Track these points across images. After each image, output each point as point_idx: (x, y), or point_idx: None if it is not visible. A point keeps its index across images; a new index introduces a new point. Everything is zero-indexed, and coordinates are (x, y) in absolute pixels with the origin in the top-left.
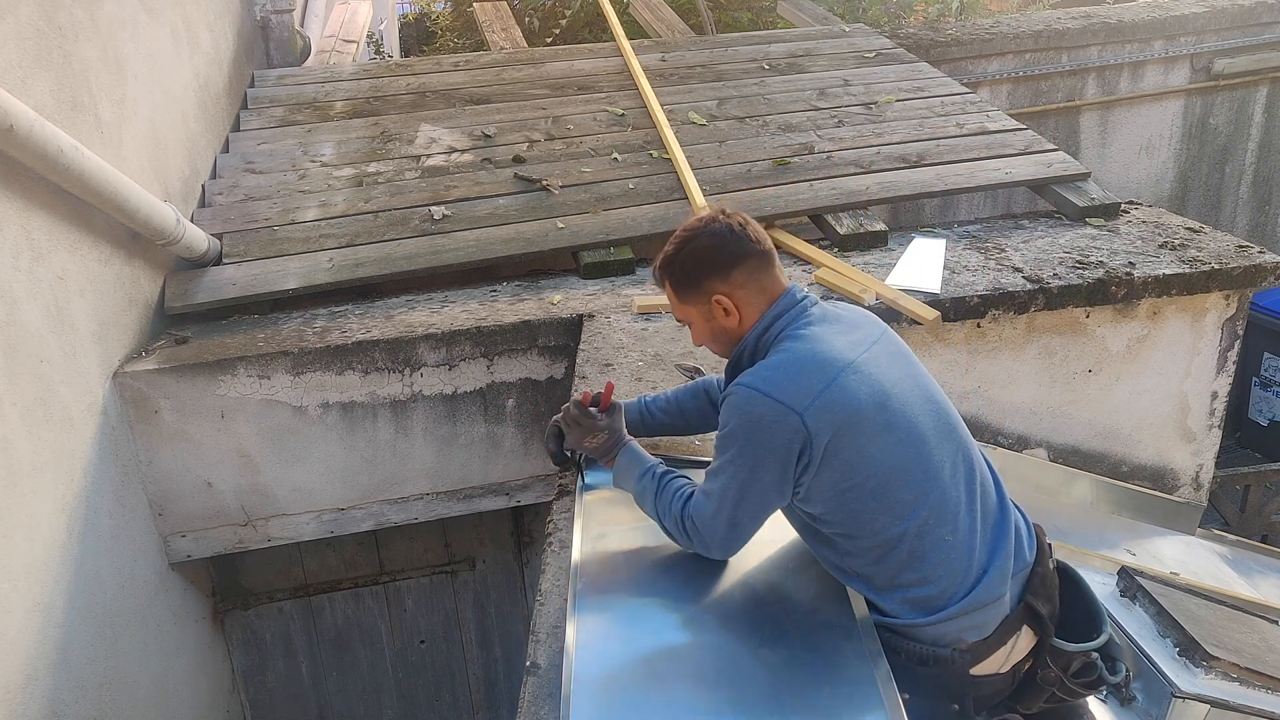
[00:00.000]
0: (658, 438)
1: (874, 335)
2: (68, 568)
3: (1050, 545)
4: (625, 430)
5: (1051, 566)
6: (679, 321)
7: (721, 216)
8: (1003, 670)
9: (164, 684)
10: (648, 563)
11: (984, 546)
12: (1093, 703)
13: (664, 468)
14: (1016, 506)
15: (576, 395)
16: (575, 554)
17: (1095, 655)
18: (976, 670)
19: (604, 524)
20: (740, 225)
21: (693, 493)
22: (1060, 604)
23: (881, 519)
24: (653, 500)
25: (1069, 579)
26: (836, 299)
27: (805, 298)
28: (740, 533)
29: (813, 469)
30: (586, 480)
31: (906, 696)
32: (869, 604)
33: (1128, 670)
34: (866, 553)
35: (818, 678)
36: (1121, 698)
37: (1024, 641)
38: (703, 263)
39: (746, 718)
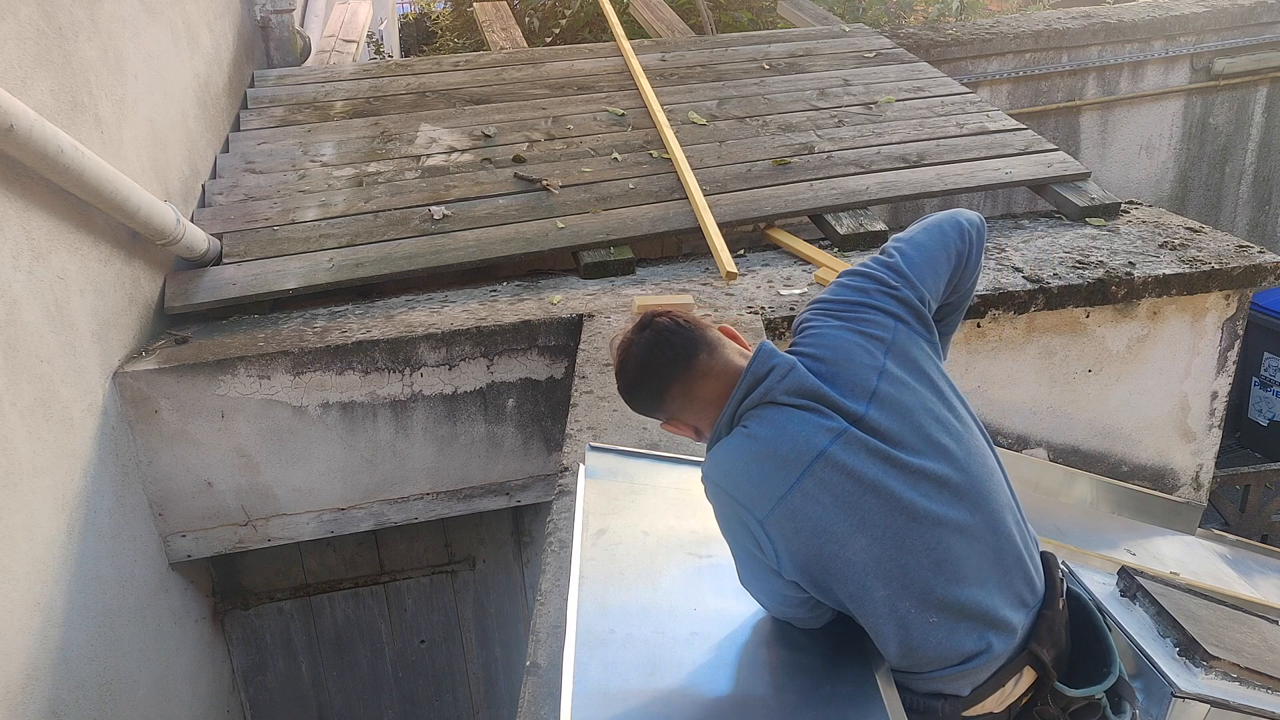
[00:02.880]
0: (657, 439)
1: (874, 371)
2: (68, 568)
3: (1063, 579)
4: None
5: (1061, 606)
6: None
7: (632, 347)
8: (997, 711)
9: (164, 684)
10: (648, 561)
11: (986, 613)
12: None
13: None
14: (1031, 535)
15: None
16: (575, 552)
17: (1102, 695)
18: (970, 712)
19: (604, 519)
20: (648, 349)
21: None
22: (1072, 636)
23: (862, 613)
24: None
25: (1081, 611)
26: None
27: (771, 369)
28: (778, 597)
29: (782, 564)
30: (587, 475)
31: None
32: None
33: (1134, 712)
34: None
35: (818, 678)
36: None
37: (1024, 681)
38: (637, 405)
39: (747, 717)
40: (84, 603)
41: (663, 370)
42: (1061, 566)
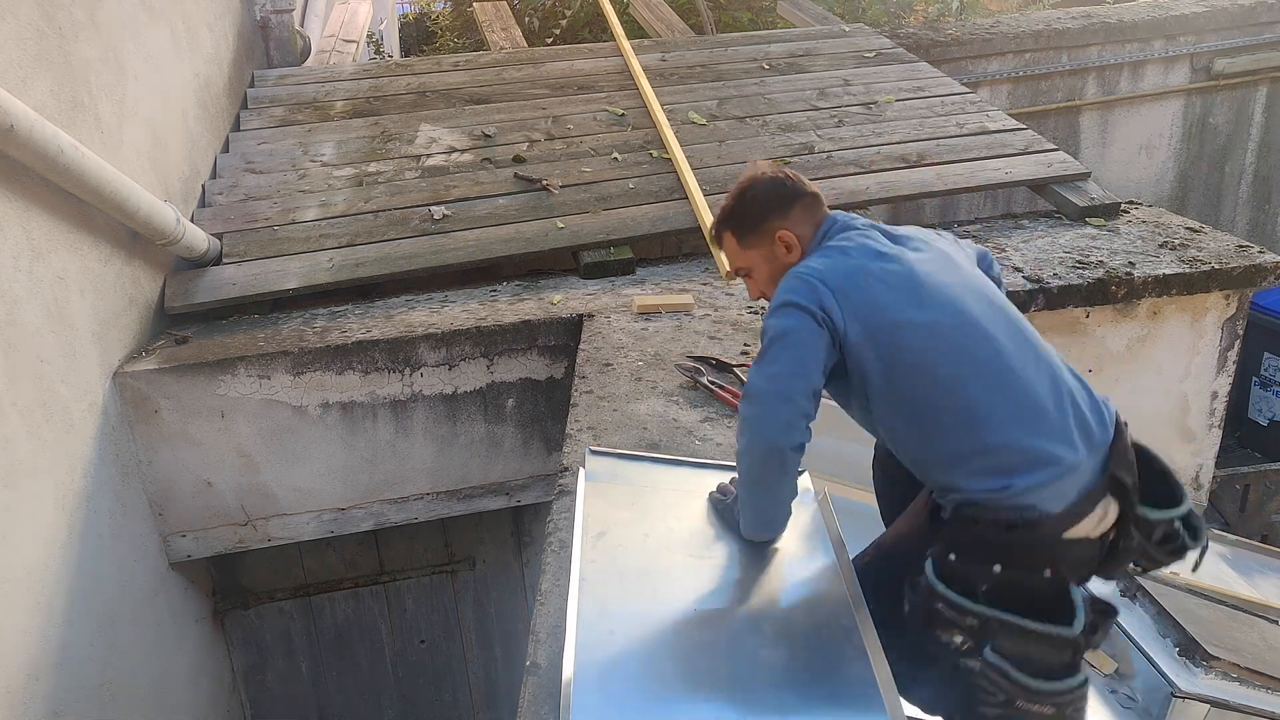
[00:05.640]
0: (657, 439)
1: (916, 244)
2: (68, 568)
3: (1126, 424)
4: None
5: (1129, 442)
6: (737, 272)
7: (770, 169)
8: (1093, 536)
9: (164, 684)
10: (648, 563)
11: (1047, 413)
12: (1093, 702)
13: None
14: (1089, 388)
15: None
16: (575, 554)
17: (1178, 523)
18: (1068, 534)
19: (604, 522)
20: (790, 176)
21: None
22: (1139, 478)
23: (922, 391)
24: (743, 501)
25: (1145, 456)
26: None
27: (850, 217)
28: (794, 380)
29: (843, 321)
30: (587, 479)
31: (998, 568)
32: (946, 489)
33: (1207, 543)
34: (922, 433)
35: (818, 677)
36: (1196, 564)
37: (1112, 512)
38: (764, 205)
39: (747, 717)
40: (84, 603)
41: (798, 186)
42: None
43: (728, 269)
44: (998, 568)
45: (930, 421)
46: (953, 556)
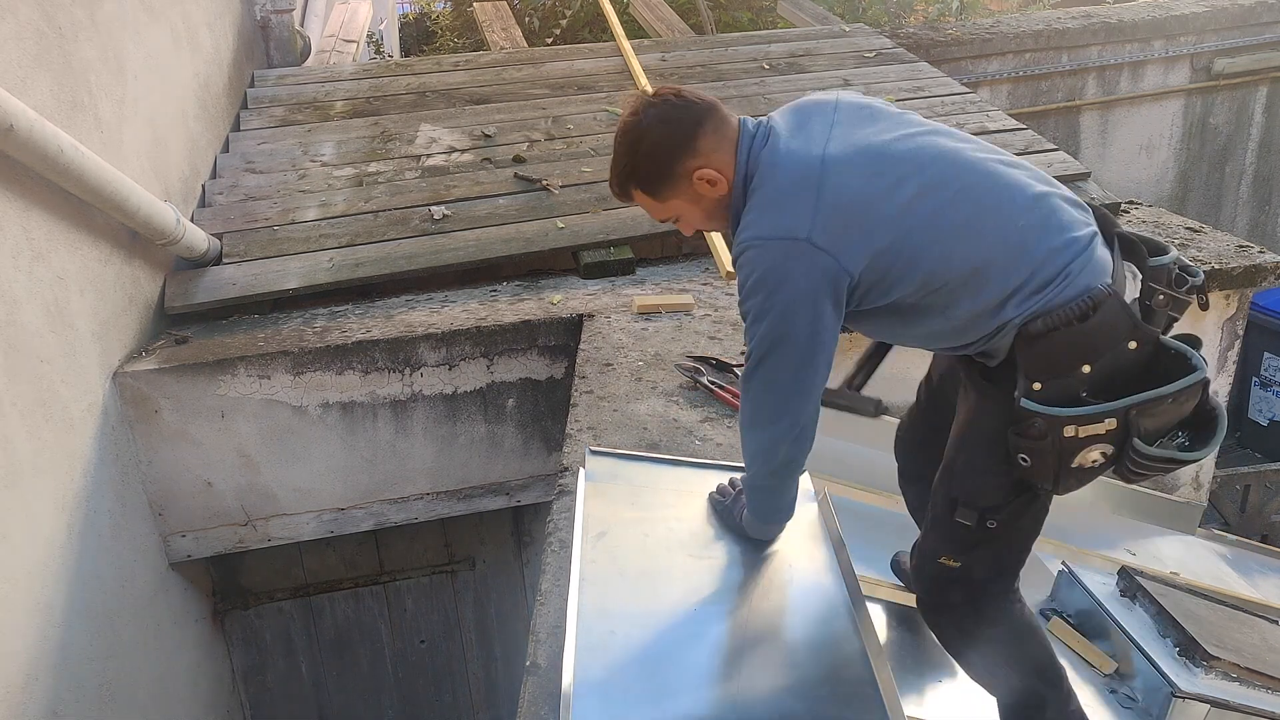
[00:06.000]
0: (657, 439)
1: (829, 116)
2: (68, 568)
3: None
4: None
5: (1103, 212)
6: (663, 223)
7: (654, 99)
8: (1134, 297)
9: (164, 684)
10: (648, 563)
11: (1057, 210)
12: (1093, 703)
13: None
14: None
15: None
16: (575, 554)
17: (1177, 267)
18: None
19: (604, 522)
20: (676, 95)
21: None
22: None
23: (936, 248)
24: (754, 503)
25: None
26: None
27: (757, 124)
28: (802, 401)
29: (847, 260)
30: (587, 479)
31: (1087, 369)
32: (999, 331)
33: (1202, 274)
34: (966, 292)
35: (819, 679)
36: (1204, 302)
37: (1131, 272)
38: (666, 149)
39: (747, 718)
40: (84, 603)
41: (695, 108)
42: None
43: (728, 269)
44: (1086, 368)
45: (970, 278)
46: (1038, 385)
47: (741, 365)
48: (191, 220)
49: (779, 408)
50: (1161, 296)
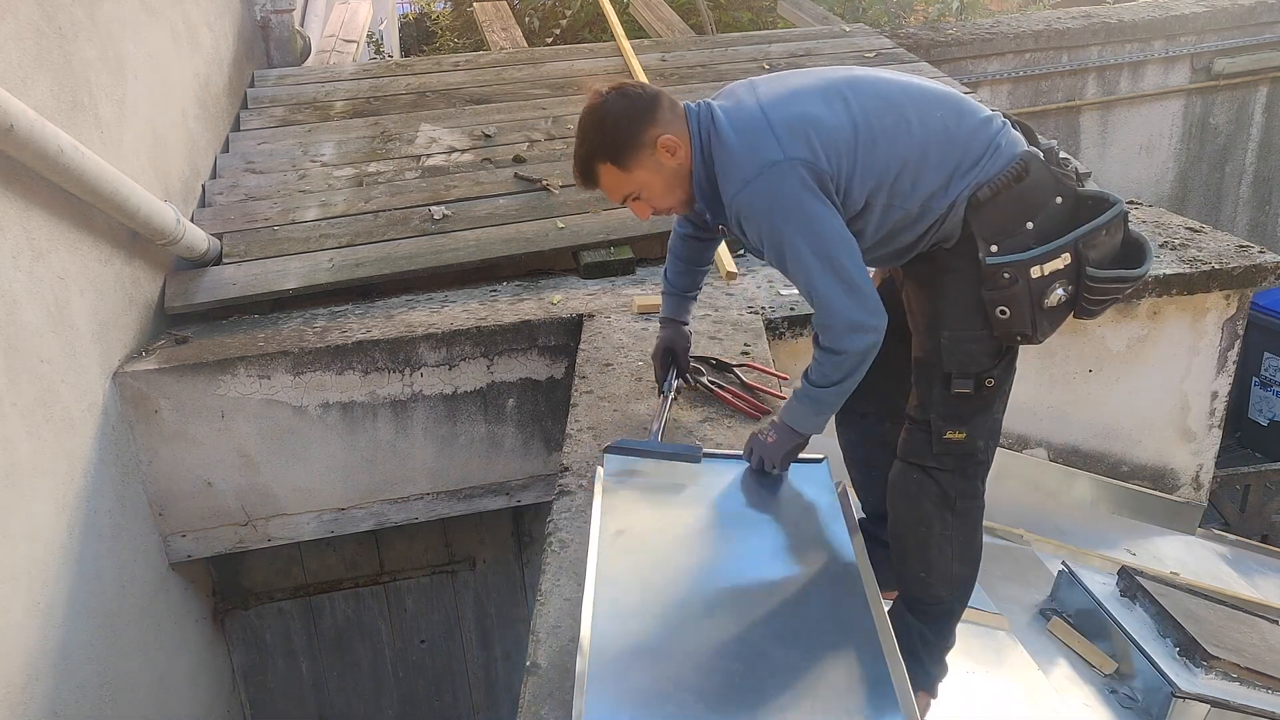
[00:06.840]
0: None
1: (750, 86)
2: (68, 568)
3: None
4: (778, 422)
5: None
6: (623, 201)
7: (609, 89)
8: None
9: (164, 684)
10: (663, 557)
11: (954, 108)
12: (1093, 702)
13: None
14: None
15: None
16: (592, 549)
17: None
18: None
19: (623, 520)
20: (625, 85)
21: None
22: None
23: (879, 148)
24: (821, 398)
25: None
26: None
27: (698, 104)
28: (857, 281)
29: (837, 167)
30: (605, 476)
31: (1030, 224)
32: (949, 213)
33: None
34: (896, 186)
35: (834, 676)
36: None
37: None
38: (631, 118)
39: (761, 715)
40: (84, 603)
41: (646, 89)
42: None
43: (728, 269)
44: (1030, 224)
45: (912, 167)
46: (995, 248)
47: (741, 365)
48: (191, 220)
49: (859, 287)
50: (1054, 167)
